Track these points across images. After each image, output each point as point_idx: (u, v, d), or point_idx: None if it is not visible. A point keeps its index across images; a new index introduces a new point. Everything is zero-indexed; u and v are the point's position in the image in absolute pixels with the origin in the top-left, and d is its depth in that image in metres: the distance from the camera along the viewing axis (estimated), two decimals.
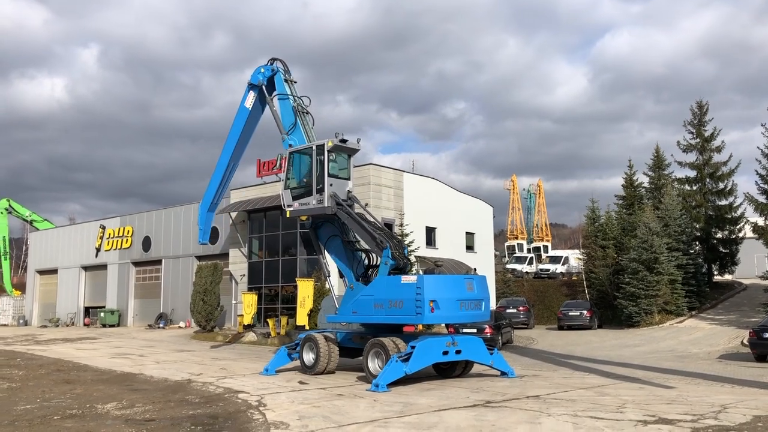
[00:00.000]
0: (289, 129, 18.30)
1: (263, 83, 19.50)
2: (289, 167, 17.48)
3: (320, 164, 16.67)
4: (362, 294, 15.61)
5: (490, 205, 43.14)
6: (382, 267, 15.47)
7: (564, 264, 51.39)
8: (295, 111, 18.51)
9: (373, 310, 15.20)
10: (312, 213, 16.93)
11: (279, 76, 19.37)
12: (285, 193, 17.38)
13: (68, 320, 48.39)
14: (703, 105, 40.97)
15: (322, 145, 16.67)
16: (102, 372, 17.24)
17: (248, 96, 19.99)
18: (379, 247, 15.67)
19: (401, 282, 14.75)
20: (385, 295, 14.98)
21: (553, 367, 18.80)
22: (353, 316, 15.85)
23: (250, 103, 19.99)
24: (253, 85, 19.78)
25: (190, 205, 41.79)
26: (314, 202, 16.67)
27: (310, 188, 16.79)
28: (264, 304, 33.89)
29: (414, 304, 14.21)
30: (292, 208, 17.15)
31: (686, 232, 36.24)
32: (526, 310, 36.06)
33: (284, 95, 18.97)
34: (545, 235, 73.70)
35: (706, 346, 23.93)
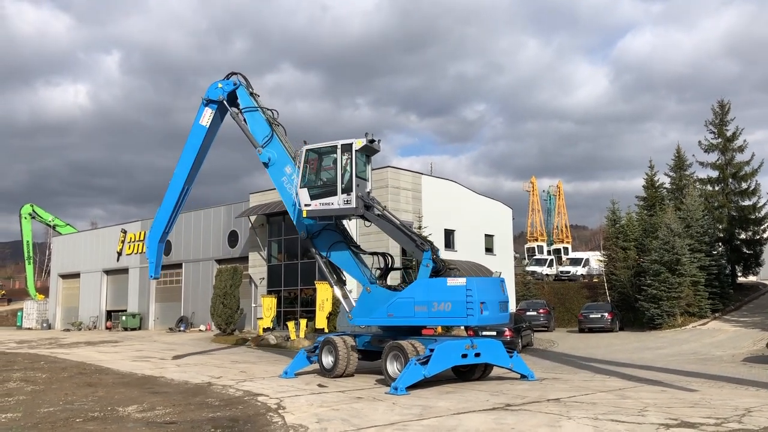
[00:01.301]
0: (265, 141, 18.02)
1: (224, 98, 18.86)
2: (306, 165, 16.76)
3: (348, 164, 16.31)
4: (400, 296, 15.42)
5: (510, 207, 42.96)
6: (423, 269, 15.45)
7: (585, 266, 51.00)
8: (269, 122, 18.23)
9: (413, 312, 15.13)
10: (335, 214, 16.59)
11: (243, 90, 18.87)
12: (302, 192, 16.67)
13: (90, 324, 48.94)
14: (724, 104, 40.51)
15: (348, 145, 16.27)
16: (123, 375, 17.39)
17: (204, 113, 19.14)
18: (420, 249, 15.67)
19: (447, 284, 14.81)
20: (428, 297, 14.95)
21: (573, 370, 18.64)
22: (389, 319, 15.56)
23: (207, 120, 19.14)
24: (212, 101, 19.04)
25: (210, 209, 42.13)
26: (340, 202, 16.19)
27: (333, 188, 16.31)
28: (283, 307, 34.04)
29: (464, 306, 14.36)
30: (311, 208, 16.49)
31: (709, 233, 35.80)
32: (546, 313, 35.82)
33: (252, 108, 18.58)
34: (565, 237, 73.21)
35: (729, 349, 23.58)
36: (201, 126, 19.17)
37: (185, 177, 19.51)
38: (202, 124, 19.14)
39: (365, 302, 16.28)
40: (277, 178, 17.96)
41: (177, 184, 19.66)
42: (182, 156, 19.49)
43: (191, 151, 19.35)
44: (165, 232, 20.23)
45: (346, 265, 17.18)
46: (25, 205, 63.31)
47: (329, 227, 17.14)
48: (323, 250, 17.33)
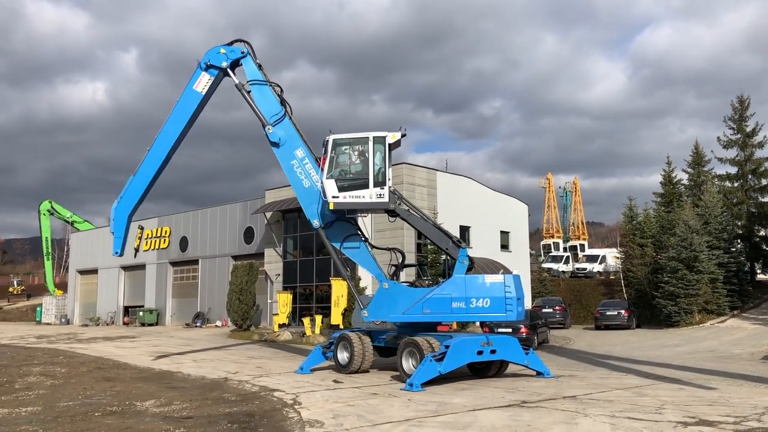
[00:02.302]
0: (275, 119, 17.09)
1: (227, 66, 17.59)
2: (334, 156, 16.08)
3: (380, 157, 16.11)
4: (436, 293, 15.49)
5: (525, 204, 42.75)
6: (459, 266, 15.70)
7: (601, 263, 50.68)
8: (279, 99, 17.34)
9: (450, 308, 15.33)
10: (367, 208, 16.43)
11: (250, 60, 17.71)
12: (328, 182, 15.91)
13: (108, 319, 49.41)
14: (744, 100, 40.08)
15: (382, 137, 16.07)
16: (141, 370, 17.55)
17: (200, 78, 17.63)
18: (457, 246, 15.93)
19: (486, 281, 15.42)
20: (465, 294, 15.27)
21: (590, 367, 18.55)
22: (425, 315, 15.58)
23: (203, 86, 17.62)
24: (213, 67, 17.60)
25: (226, 205, 42.33)
26: (372, 196, 15.87)
27: (364, 181, 15.91)
28: (299, 303, 34.15)
29: (504, 302, 15.08)
30: (339, 200, 15.83)
31: (727, 229, 35.46)
32: (562, 310, 35.66)
33: (260, 81, 17.52)
34: (582, 234, 72.78)
35: (749, 347, 23.34)
36: (195, 92, 17.72)
37: (170, 147, 17.83)
38: (197, 90, 17.71)
39: (383, 298, 16.21)
40: (286, 161, 17.16)
41: (159, 153, 17.82)
42: (168, 123, 17.78)
43: (181, 118, 17.80)
44: (136, 205, 18.32)
45: (363, 259, 16.94)
46: (43, 202, 63.98)
47: (342, 218, 16.77)
48: (336, 241, 16.87)
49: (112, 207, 17.74)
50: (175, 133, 17.77)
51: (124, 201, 18.01)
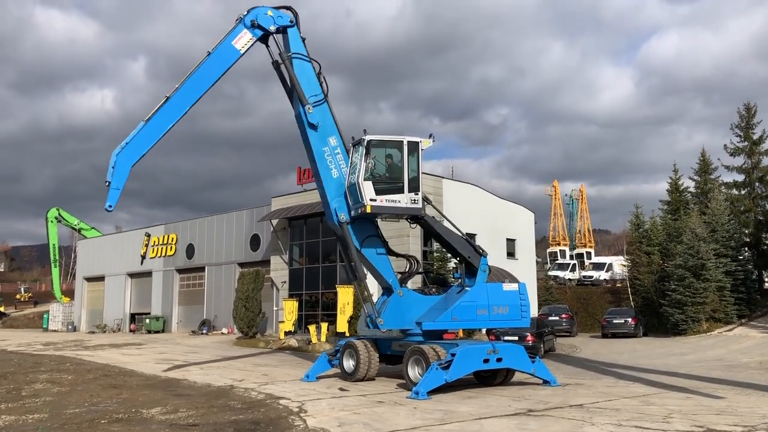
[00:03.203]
0: (315, 101, 16.27)
1: (274, 30, 16.48)
2: (370, 158, 15.73)
3: (414, 161, 16.10)
4: (463, 300, 15.63)
5: (532, 211, 42.70)
6: (481, 275, 16.03)
7: (608, 271, 50.52)
8: (321, 81, 16.56)
9: (476, 315, 15.60)
10: (401, 213, 16.09)
11: (296, 32, 16.69)
12: (366, 184, 15.48)
13: (115, 326, 49.52)
14: (750, 107, 39.98)
15: (416, 143, 16.05)
16: (147, 377, 17.57)
17: (241, 35, 16.19)
18: (479, 255, 16.16)
19: (504, 289, 16.04)
20: (488, 301, 15.66)
21: (596, 375, 18.47)
22: (454, 322, 15.75)
23: (243, 45, 16.20)
24: (258, 27, 16.29)
25: (232, 213, 42.42)
26: (407, 201, 15.84)
27: (399, 185, 15.85)
28: (305, 310, 34.15)
29: (519, 309, 15.83)
30: (376, 203, 15.49)
31: (735, 237, 35.33)
32: (568, 318, 35.53)
33: (304, 56, 16.59)
34: (588, 242, 72.63)
35: (757, 356, 23.20)
36: (233, 49, 16.12)
37: (192, 101, 15.96)
38: (236, 47, 16.13)
39: (397, 306, 16.09)
40: (318, 147, 16.30)
41: (179, 105, 15.81)
42: (195, 76, 15.88)
43: (211, 74, 16.01)
44: (141, 157, 15.68)
45: (381, 262, 16.53)
46: (51, 209, 64.27)
47: (366, 217, 16.16)
48: (357, 241, 16.36)
49: (113, 153, 15.15)
50: (201, 89, 16.04)
51: (130, 149, 15.39)
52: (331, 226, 16.85)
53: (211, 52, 15.89)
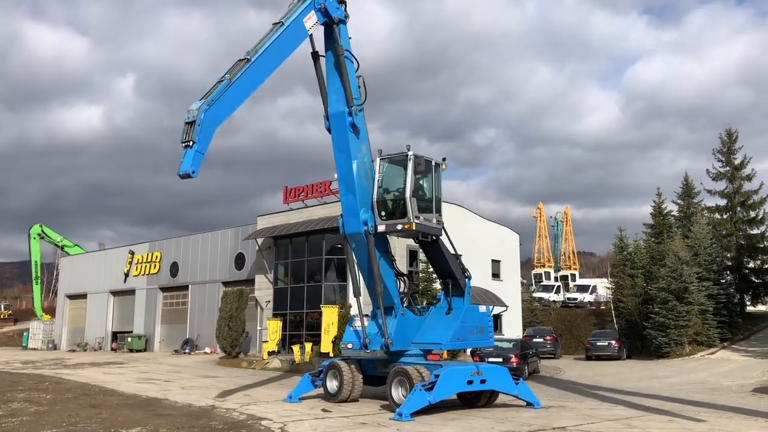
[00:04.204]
0: (358, 104, 15.64)
1: (336, 21, 15.58)
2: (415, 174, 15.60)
3: (438, 182, 16.40)
4: (462, 321, 15.88)
5: (517, 233, 42.89)
6: (468, 297, 16.50)
7: (592, 293, 50.72)
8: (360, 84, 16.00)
9: (468, 336, 16.01)
10: (431, 232, 16.12)
11: (346, 29, 15.95)
12: (413, 201, 15.37)
13: (96, 345, 48.89)
14: (732, 133, 40.59)
15: (438, 165, 16.39)
16: (128, 397, 17.34)
17: (311, 15, 14.98)
18: (466, 277, 16.62)
19: (480, 310, 16.64)
20: (472, 323, 16.11)
21: (580, 397, 18.48)
22: (458, 342, 16.15)
23: (310, 26, 14.98)
24: (326, 14, 15.29)
25: (217, 231, 42.23)
26: (435, 221, 16.09)
27: (431, 205, 16.12)
28: (289, 330, 33.94)
29: (490, 330, 16.44)
30: (420, 221, 15.47)
31: (717, 261, 35.63)
32: (553, 340, 35.57)
33: (350, 56, 15.90)
34: (573, 264, 72.93)
35: (739, 379, 23.33)
36: (303, 27, 14.77)
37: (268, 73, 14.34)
38: (306, 27, 14.86)
39: (401, 326, 15.96)
40: (355, 153, 15.71)
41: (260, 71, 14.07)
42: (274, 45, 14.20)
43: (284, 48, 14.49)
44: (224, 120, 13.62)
45: (390, 279, 16.30)
46: (34, 226, 63.64)
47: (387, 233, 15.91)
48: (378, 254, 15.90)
49: (200, 109, 12.66)
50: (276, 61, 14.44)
51: (217, 109, 13.11)
52: (348, 238, 16.04)
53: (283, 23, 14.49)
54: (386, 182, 15.98)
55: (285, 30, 14.38)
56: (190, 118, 12.57)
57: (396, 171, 15.97)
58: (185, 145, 12.54)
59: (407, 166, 15.55)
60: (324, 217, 33.22)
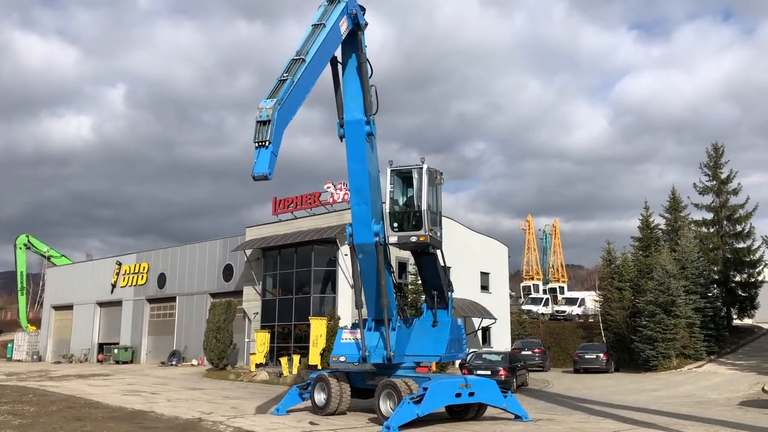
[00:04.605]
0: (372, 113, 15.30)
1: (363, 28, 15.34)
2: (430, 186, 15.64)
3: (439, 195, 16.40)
4: (455, 334, 16.30)
5: (506, 245, 43.00)
6: (451, 309, 16.78)
7: (580, 306, 50.86)
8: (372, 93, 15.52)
9: (454, 347, 16.28)
10: (437, 245, 16.13)
11: (364, 37, 15.55)
12: (428, 214, 15.51)
13: (82, 356, 48.42)
14: (718, 147, 40.98)
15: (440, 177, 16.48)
16: (113, 409, 17.17)
17: (344, 20, 14.55)
18: (450, 290, 16.91)
19: (458, 323, 16.83)
20: (455, 335, 16.35)
21: (568, 411, 18.48)
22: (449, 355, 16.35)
23: (344, 30, 14.58)
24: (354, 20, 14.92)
25: (205, 242, 42.06)
26: (438, 233, 16.11)
27: (436, 217, 16.11)
28: (277, 342, 33.76)
29: (464, 342, 16.78)
30: (433, 233, 15.64)
31: (704, 274, 35.84)
32: (541, 353, 35.59)
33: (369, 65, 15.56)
34: (561, 276, 73.11)
35: (725, 392, 23.42)
36: (339, 32, 14.40)
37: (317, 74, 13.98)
38: (341, 32, 14.50)
39: (399, 338, 15.98)
40: (370, 162, 15.50)
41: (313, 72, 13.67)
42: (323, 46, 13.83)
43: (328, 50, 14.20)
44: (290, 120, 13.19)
45: (391, 290, 16.22)
46: (20, 236, 63.10)
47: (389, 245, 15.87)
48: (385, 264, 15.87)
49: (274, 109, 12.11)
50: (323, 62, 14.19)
51: (287, 108, 12.59)
52: (356, 248, 15.69)
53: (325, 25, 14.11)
54: (396, 193, 16.03)
55: (328, 32, 14.07)
56: (263, 117, 12.06)
57: (406, 182, 15.98)
58: (259, 145, 12.06)
59: (422, 178, 15.59)
60: (313, 228, 33.18)
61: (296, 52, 13.45)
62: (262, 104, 12.19)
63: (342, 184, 33.24)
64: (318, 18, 14.26)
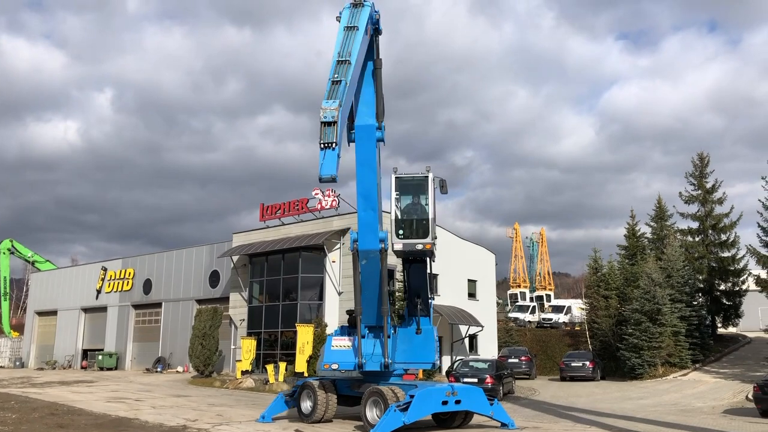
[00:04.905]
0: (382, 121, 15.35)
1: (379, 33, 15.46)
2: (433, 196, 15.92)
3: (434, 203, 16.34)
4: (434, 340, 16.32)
5: (493, 253, 43.10)
6: (432, 316, 16.83)
7: (567, 313, 51.01)
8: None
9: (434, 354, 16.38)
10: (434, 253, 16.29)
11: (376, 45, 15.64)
12: (433, 224, 15.88)
13: (65, 363, 47.93)
14: (704, 157, 41.32)
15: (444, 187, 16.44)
16: (97, 416, 17.00)
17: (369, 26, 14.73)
18: (432, 298, 17.08)
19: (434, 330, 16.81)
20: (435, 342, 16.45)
21: (554, 419, 18.50)
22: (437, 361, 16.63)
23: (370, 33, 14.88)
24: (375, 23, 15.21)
25: (191, 248, 41.83)
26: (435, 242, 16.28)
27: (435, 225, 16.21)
28: (263, 349, 33.61)
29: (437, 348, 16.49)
30: (435, 241, 16.02)
31: (689, 283, 36.06)
32: (528, 360, 35.62)
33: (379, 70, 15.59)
34: (548, 284, 73.40)
35: (710, 400, 23.56)
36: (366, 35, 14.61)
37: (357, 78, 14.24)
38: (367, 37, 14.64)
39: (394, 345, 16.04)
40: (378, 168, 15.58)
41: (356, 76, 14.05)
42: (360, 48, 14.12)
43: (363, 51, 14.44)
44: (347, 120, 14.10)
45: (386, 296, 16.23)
46: (4, 241, 62.48)
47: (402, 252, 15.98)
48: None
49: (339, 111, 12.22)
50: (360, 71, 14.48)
51: (345, 107, 12.92)
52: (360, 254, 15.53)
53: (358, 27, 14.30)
54: (402, 201, 16.03)
55: (363, 35, 14.25)
56: (328, 118, 12.05)
57: (411, 190, 15.98)
58: (325, 146, 12.05)
59: (428, 186, 15.72)
60: (301, 235, 33.11)
61: (338, 53, 13.53)
62: (325, 105, 12.19)
63: (330, 191, 33.20)
64: (349, 20, 14.36)
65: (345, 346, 16.13)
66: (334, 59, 13.43)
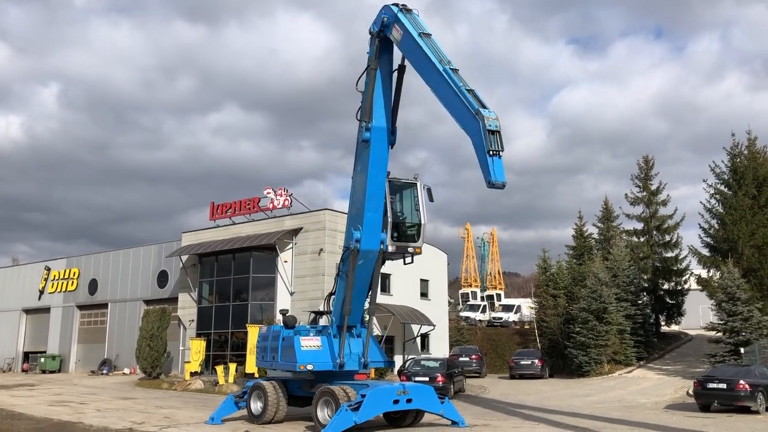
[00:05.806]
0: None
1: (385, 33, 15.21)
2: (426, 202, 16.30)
3: None
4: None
5: (445, 253, 43.42)
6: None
7: (516, 312, 51.74)
8: None
9: None
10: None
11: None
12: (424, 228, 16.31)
13: (5, 366, 46.34)
14: (649, 160, 42.40)
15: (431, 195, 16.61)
16: (38, 421, 16.48)
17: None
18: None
19: None
20: None
21: (503, 416, 18.75)
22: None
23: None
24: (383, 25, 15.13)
25: (139, 247, 40.96)
26: None
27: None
28: (213, 350, 33.15)
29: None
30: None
31: (634, 282, 36.97)
32: (478, 359, 36.02)
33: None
34: (498, 284, 74.31)
35: (653, 396, 24.23)
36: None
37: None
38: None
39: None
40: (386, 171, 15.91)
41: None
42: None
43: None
44: None
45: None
46: None
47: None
48: None
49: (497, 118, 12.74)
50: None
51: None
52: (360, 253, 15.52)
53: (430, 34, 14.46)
54: (396, 204, 16.21)
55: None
56: (494, 127, 12.37)
57: (401, 194, 16.20)
58: (494, 153, 12.35)
59: (417, 192, 16.00)
60: (252, 234, 32.76)
61: (447, 61, 13.53)
62: (488, 114, 12.41)
63: (282, 190, 32.98)
64: (422, 27, 14.34)
65: (315, 347, 15.89)
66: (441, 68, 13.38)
